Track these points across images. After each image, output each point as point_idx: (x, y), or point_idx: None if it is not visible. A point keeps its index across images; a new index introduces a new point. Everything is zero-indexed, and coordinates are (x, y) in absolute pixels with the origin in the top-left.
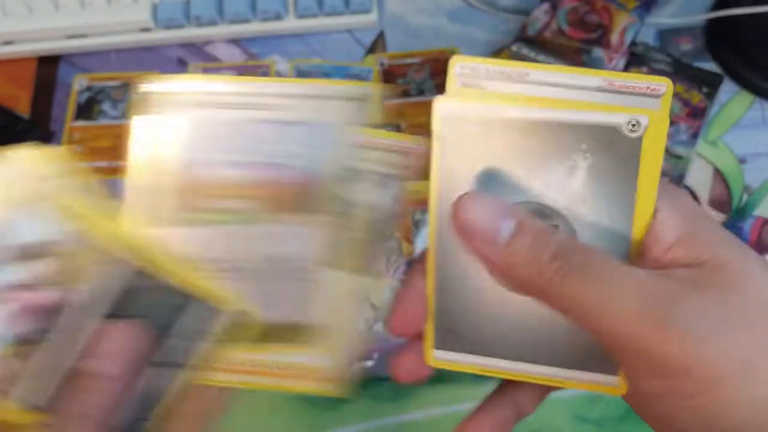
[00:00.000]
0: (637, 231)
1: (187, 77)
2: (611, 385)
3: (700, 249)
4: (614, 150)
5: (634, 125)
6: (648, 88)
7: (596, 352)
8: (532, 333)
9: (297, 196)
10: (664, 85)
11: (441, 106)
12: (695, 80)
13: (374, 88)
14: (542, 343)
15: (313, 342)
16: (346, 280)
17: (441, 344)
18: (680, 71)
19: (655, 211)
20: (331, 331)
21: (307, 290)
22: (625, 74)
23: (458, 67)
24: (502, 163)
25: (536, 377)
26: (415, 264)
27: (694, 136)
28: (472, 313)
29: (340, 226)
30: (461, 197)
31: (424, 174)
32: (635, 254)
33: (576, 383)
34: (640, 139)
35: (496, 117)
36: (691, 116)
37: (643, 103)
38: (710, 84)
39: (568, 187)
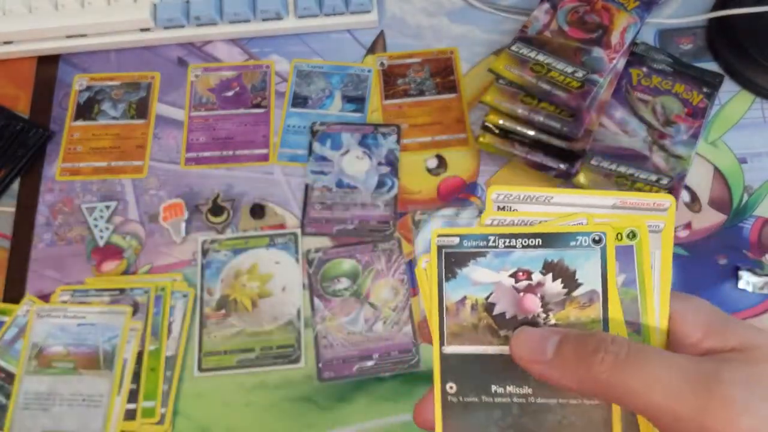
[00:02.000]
0: (646, 329)
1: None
2: None
3: (728, 337)
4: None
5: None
6: (655, 204)
7: None
8: None
9: None
10: (668, 200)
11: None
12: (696, 80)
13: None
14: None
15: None
16: None
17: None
18: (680, 71)
19: (676, 313)
20: None
21: None
22: (635, 193)
23: (494, 194)
24: None
25: None
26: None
27: (694, 136)
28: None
29: None
30: (516, 334)
31: None
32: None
33: None
34: (632, 247)
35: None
36: (691, 116)
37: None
38: (710, 84)
39: None
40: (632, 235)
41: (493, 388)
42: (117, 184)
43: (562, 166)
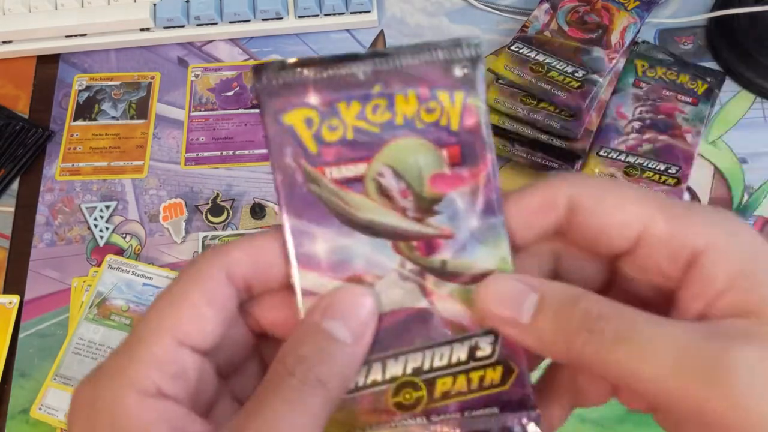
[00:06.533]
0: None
1: None
2: None
3: (756, 297)
4: None
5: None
6: None
7: None
8: None
9: None
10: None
11: None
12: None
13: None
14: None
15: None
16: None
17: None
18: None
19: (706, 247)
20: None
21: None
22: None
23: None
24: None
25: None
26: None
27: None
28: None
29: None
30: (486, 281)
31: None
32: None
33: None
34: None
35: None
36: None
37: None
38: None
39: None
40: None
41: None
42: (117, 184)
43: (562, 166)
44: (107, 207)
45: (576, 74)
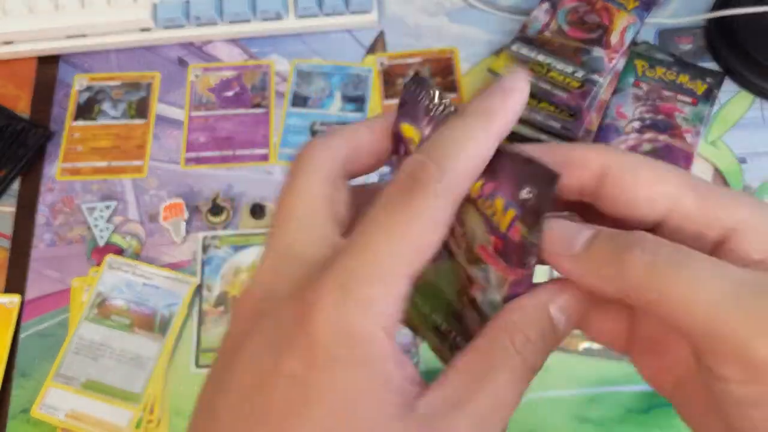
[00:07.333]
0: None
1: None
2: None
3: None
4: None
5: None
6: None
7: None
8: None
9: None
10: None
11: None
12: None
13: None
14: None
15: None
16: None
17: None
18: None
19: (737, 225)
20: None
21: None
22: None
23: None
24: None
25: None
26: None
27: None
28: None
29: None
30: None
31: None
32: None
33: None
34: None
35: None
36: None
37: None
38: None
39: None
40: None
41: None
42: (117, 184)
43: None
44: (107, 207)
45: (576, 74)
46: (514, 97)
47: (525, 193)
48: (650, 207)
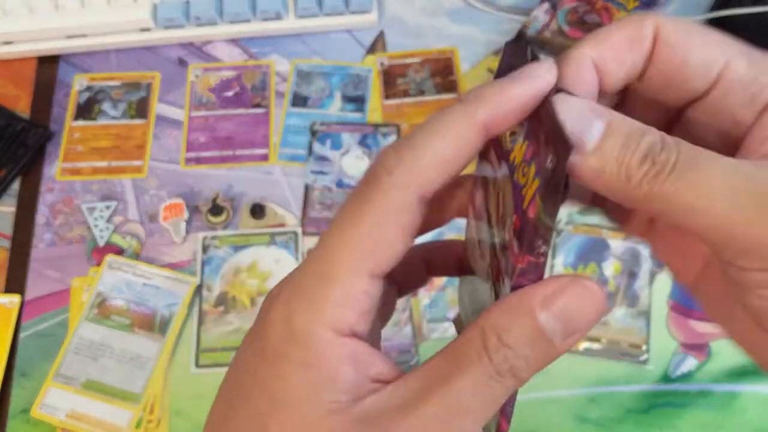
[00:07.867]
0: None
1: None
2: None
3: None
4: None
5: None
6: None
7: None
8: None
9: None
10: None
11: None
12: None
13: None
14: None
15: None
16: None
17: None
18: None
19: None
20: None
21: None
22: None
23: None
24: None
25: None
26: None
27: None
28: None
29: None
30: (549, 100)
31: None
32: None
33: None
34: None
35: None
36: None
37: None
38: None
39: None
40: None
41: None
42: (117, 184)
43: None
44: (107, 207)
45: None
46: (523, 85)
47: (549, 162)
48: (702, 71)
